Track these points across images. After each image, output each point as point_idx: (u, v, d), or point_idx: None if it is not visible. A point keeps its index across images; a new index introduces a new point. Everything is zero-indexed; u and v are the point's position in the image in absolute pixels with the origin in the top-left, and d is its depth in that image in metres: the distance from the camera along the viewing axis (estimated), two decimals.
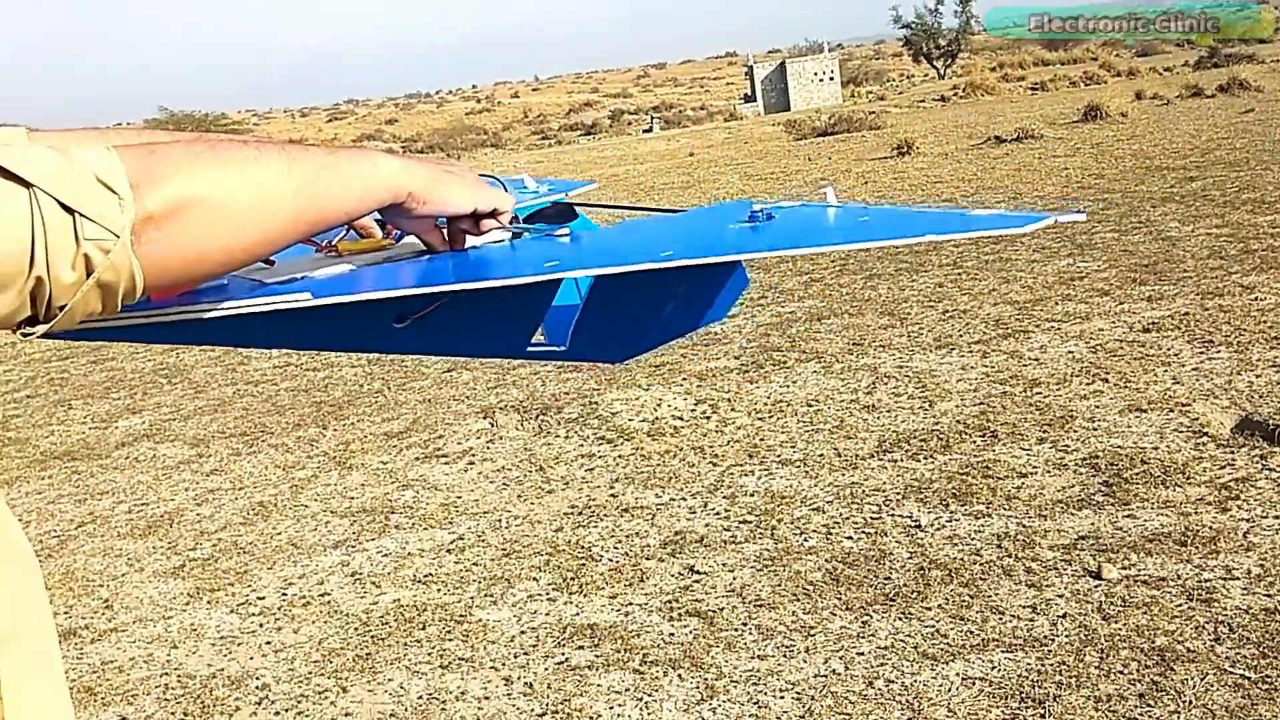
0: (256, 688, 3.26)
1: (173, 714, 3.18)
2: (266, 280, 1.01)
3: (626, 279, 1.31)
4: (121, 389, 7.53)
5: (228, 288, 0.99)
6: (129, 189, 0.72)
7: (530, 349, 1.32)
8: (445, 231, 1.08)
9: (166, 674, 3.42)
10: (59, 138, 1.11)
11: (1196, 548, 3.27)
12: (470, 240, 1.10)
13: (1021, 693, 2.70)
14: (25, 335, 0.73)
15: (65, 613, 3.96)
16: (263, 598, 3.87)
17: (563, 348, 1.34)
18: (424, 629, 3.47)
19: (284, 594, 3.88)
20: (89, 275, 0.71)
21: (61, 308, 0.71)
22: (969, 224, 0.96)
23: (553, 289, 1.27)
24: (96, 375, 8.13)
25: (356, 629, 3.53)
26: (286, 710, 3.11)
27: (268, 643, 3.53)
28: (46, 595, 0.83)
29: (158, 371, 7.93)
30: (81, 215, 0.70)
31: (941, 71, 59.30)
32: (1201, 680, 2.64)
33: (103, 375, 8.09)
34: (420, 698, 3.07)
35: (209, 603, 3.89)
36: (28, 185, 0.68)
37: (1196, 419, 4.23)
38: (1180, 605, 2.98)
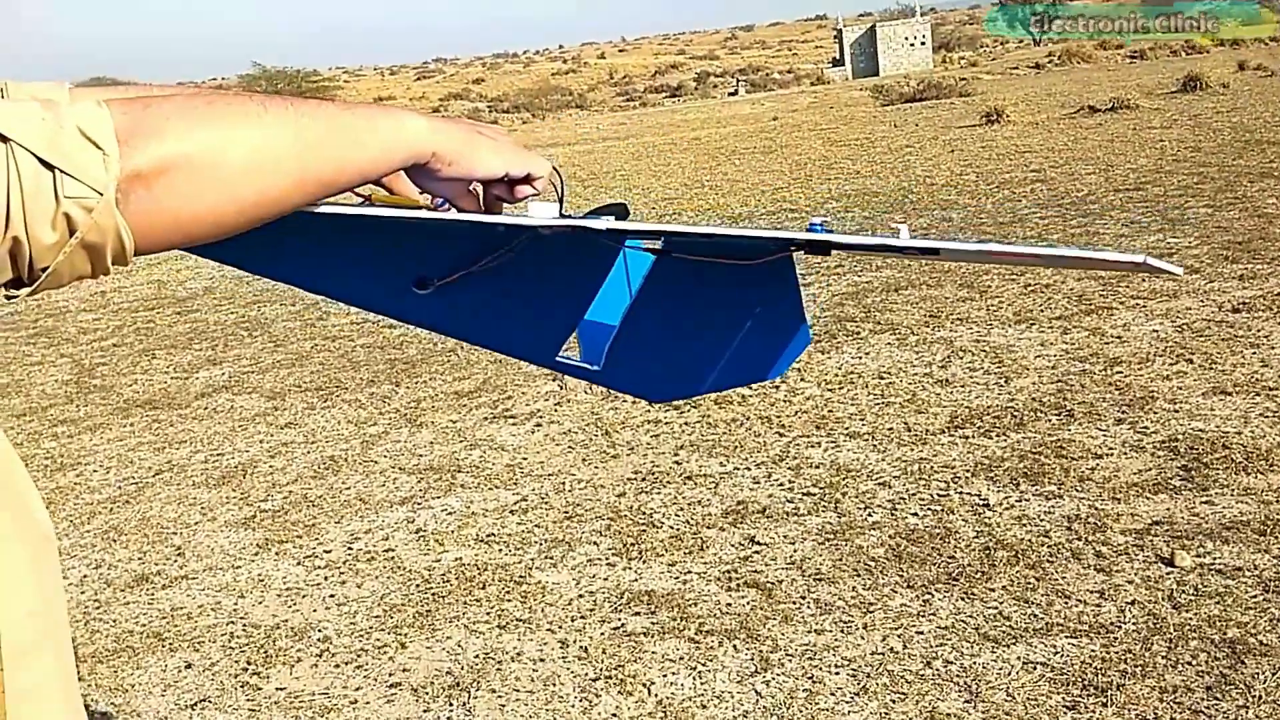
0: (318, 640, 3.31)
1: (236, 662, 3.24)
2: None
3: (670, 303, 1.24)
4: (204, 340, 7.68)
5: None
6: (115, 144, 0.68)
7: (560, 360, 1.26)
8: (481, 198, 1.04)
9: (233, 622, 3.49)
10: (101, 92, 1.10)
11: (1276, 537, 3.15)
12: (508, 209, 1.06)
13: (1084, 680, 2.63)
14: (9, 297, 0.70)
15: (139, 559, 4.07)
16: (329, 551, 3.93)
17: (596, 367, 1.27)
18: (484, 588, 3.49)
19: (349, 548, 3.93)
20: (72, 235, 0.67)
21: (45, 269, 0.67)
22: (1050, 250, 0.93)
23: (590, 289, 1.21)
24: (181, 326, 8.31)
25: (418, 585, 3.57)
26: (346, 663, 3.16)
27: (331, 595, 3.59)
28: (63, 586, 0.81)
29: (239, 324, 8.08)
30: (62, 172, 0.65)
31: (1037, 38, 57.83)
32: (1273, 675, 2.55)
33: (186, 326, 8.27)
34: (477, 657, 3.10)
35: (277, 554, 3.96)
36: (4, 140, 0.64)
37: None
38: (1255, 597, 2.88)
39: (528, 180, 1.00)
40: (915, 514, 3.61)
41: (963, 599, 3.06)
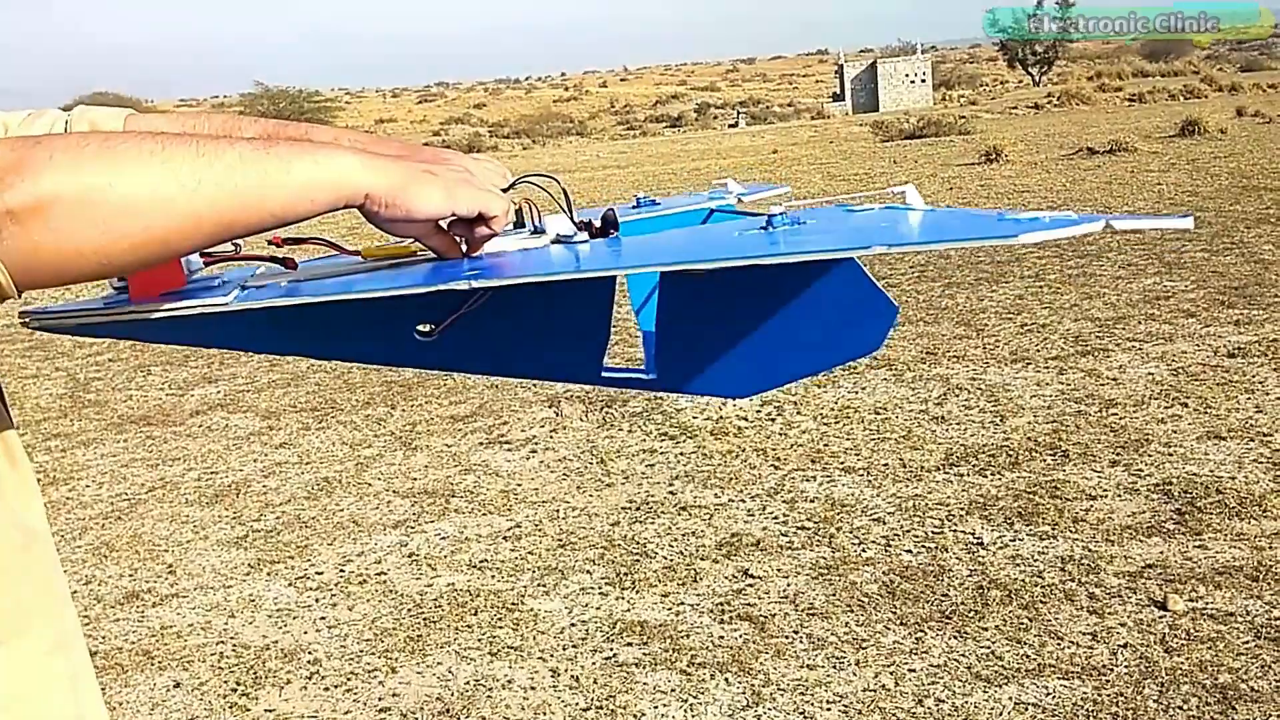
0: (308, 662, 3.30)
1: (225, 682, 3.23)
2: (250, 283, 0.97)
3: (711, 295, 1.15)
4: (200, 357, 7.67)
5: (217, 286, 0.94)
6: None
7: (607, 374, 1.19)
8: (460, 236, 1.00)
9: (222, 642, 3.48)
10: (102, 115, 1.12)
11: (1268, 583, 3.16)
12: (490, 245, 1.01)
13: None
14: None
15: (130, 575, 4.05)
16: (321, 573, 3.92)
17: (651, 376, 1.19)
18: (476, 614, 3.48)
19: (342, 570, 3.92)
20: None
21: None
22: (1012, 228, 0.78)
23: (603, 304, 1.14)
24: None
25: (410, 610, 3.56)
26: (336, 687, 3.15)
27: (322, 618, 3.58)
28: (63, 578, 0.82)
29: None
30: None
31: (1037, 78, 58.20)
32: None
33: None
34: (467, 683, 3.09)
35: (268, 575, 3.95)
36: None
37: (1278, 450, 4.10)
38: (1247, 642, 2.88)
39: (482, 220, 0.96)
40: (909, 551, 3.62)
41: (955, 637, 3.06)
